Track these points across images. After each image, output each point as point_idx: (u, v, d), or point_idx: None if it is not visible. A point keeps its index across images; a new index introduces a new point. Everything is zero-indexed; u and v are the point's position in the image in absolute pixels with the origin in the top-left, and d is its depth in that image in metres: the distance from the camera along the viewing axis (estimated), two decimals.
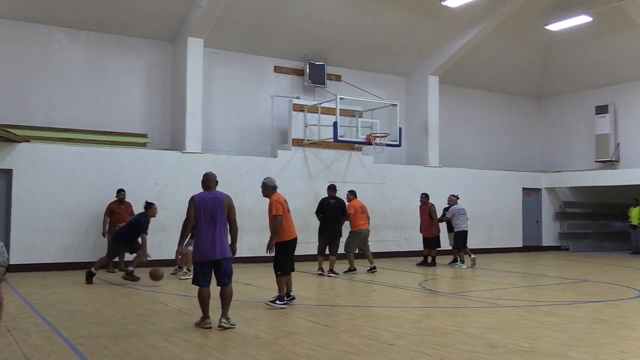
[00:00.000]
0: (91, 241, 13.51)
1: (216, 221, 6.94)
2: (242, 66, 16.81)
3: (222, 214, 6.97)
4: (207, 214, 6.95)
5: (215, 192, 7.13)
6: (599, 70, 20.01)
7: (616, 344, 6.35)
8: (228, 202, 7.07)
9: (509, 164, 21.40)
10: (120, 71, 15.29)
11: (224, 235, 6.97)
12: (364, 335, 6.76)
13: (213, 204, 6.97)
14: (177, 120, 15.41)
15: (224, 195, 7.09)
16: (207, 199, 7.02)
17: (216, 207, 6.96)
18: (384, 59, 18.57)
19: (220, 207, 6.97)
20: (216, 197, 7.04)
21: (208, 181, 7.16)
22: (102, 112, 14.93)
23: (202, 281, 6.98)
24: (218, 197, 7.04)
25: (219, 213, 6.96)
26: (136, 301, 9.31)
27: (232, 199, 7.16)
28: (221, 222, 6.97)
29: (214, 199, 7.01)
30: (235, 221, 7.11)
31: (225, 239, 6.99)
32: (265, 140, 16.87)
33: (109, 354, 5.80)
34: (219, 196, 7.05)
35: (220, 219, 6.96)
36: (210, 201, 6.99)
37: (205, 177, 7.19)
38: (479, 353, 5.92)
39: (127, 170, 14.01)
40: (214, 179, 7.21)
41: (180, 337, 6.54)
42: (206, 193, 7.10)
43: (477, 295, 10.11)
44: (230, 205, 7.07)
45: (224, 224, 7.01)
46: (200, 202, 7.01)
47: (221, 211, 6.97)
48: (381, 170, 17.62)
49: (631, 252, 19.82)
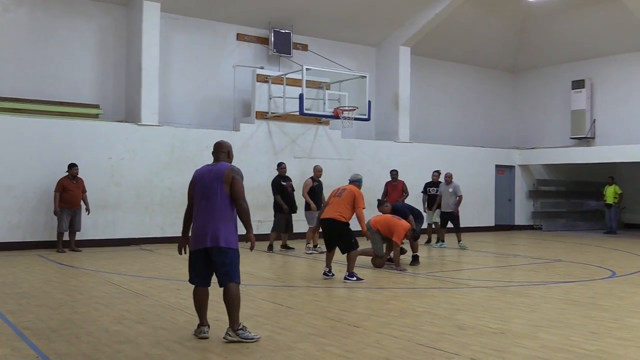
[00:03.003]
0: (40, 219, 13.27)
1: (209, 199, 5.81)
2: (202, 33, 16.56)
3: (219, 189, 5.78)
4: (201, 191, 5.88)
5: (219, 163, 5.99)
6: (576, 43, 20.28)
7: (587, 325, 6.54)
8: (230, 174, 5.81)
9: (482, 140, 21.66)
10: (69, 36, 14.91)
11: (220, 217, 5.77)
12: (328, 317, 6.82)
13: (210, 178, 5.86)
14: (132, 90, 15.13)
15: (226, 167, 5.89)
16: (205, 172, 5.95)
17: (212, 182, 5.83)
18: (353, 28, 18.49)
19: (218, 181, 5.80)
20: (216, 169, 5.90)
21: (215, 151, 6.11)
22: (50, 81, 14.56)
23: (193, 278, 5.94)
24: (218, 169, 5.88)
25: (214, 189, 5.80)
26: (87, 283, 9.22)
27: (238, 172, 5.90)
28: (216, 201, 5.78)
29: (212, 172, 5.89)
30: (240, 198, 5.79)
31: (222, 223, 5.76)
32: (226, 112, 16.72)
33: (57, 338, 5.74)
34: (220, 168, 5.89)
35: (215, 196, 5.79)
36: (207, 175, 5.90)
37: (214, 146, 6.18)
38: (448, 335, 6.03)
39: (77, 143, 13.73)
40: (223, 149, 6.13)
41: (134, 321, 6.50)
42: (208, 166, 6.04)
43: (446, 276, 10.28)
44: (233, 178, 5.79)
45: (223, 203, 5.79)
46: (197, 177, 5.98)
47: (219, 186, 5.79)
48: (349, 145, 17.65)
49: (605, 232, 20.34)
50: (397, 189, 14.91)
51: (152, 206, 14.56)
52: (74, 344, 5.54)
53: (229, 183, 5.78)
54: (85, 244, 13.35)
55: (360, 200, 9.51)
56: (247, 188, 17.75)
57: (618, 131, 19.75)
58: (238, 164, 17.08)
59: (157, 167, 14.64)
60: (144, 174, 14.48)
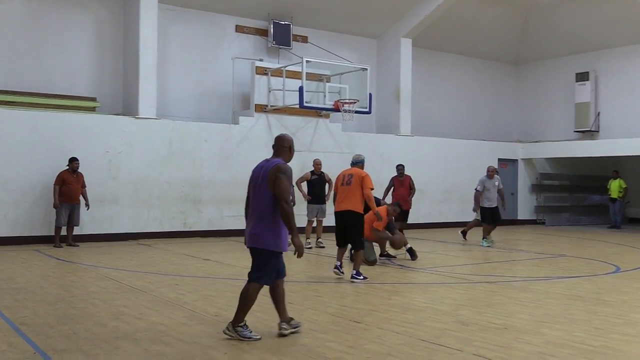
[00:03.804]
0: (37, 214, 13.25)
1: (255, 196, 5.70)
2: (201, 25, 16.52)
3: (264, 187, 5.62)
4: (252, 187, 5.77)
5: (272, 160, 5.80)
6: (581, 35, 20.23)
7: (591, 321, 6.55)
8: (274, 172, 5.60)
9: (484, 133, 21.64)
10: (66, 28, 14.87)
11: (261, 216, 5.63)
12: (329, 312, 6.83)
13: (260, 175, 5.72)
14: (130, 83, 15.11)
15: (274, 164, 5.68)
16: (258, 167, 5.81)
17: (260, 179, 5.68)
18: (354, 20, 18.45)
19: (263, 179, 5.64)
20: (267, 166, 5.72)
21: (276, 145, 5.93)
22: (47, 73, 14.54)
23: None
24: (268, 166, 5.70)
25: (259, 187, 5.66)
26: (85, 278, 9.23)
27: (285, 170, 5.65)
28: (259, 199, 5.64)
29: (263, 168, 5.73)
30: (282, 199, 5.53)
31: (262, 222, 5.62)
32: (225, 105, 16.70)
33: (54, 334, 5.74)
34: (270, 165, 5.70)
35: (260, 194, 5.64)
36: (259, 171, 5.76)
37: (275, 140, 5.99)
38: (450, 330, 6.04)
39: (74, 137, 13.72)
40: (284, 143, 5.89)
41: (132, 316, 6.51)
42: (263, 161, 5.86)
43: (449, 271, 10.29)
44: (276, 176, 5.57)
45: (265, 202, 5.62)
46: (252, 173, 5.87)
47: (264, 184, 5.62)
48: (350, 138, 17.63)
49: (609, 227, 20.35)
50: (404, 185, 14.53)
51: (150, 200, 14.56)
52: (71, 340, 5.55)
53: (272, 181, 5.59)
54: (82, 239, 13.35)
55: (368, 181, 9.23)
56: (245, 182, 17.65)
57: (623, 124, 19.72)
58: (236, 157, 17.17)
59: (155, 161, 14.63)
60: (142, 168, 14.47)
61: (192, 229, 15.12)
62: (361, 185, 9.18)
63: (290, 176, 5.69)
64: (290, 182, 5.69)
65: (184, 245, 13.32)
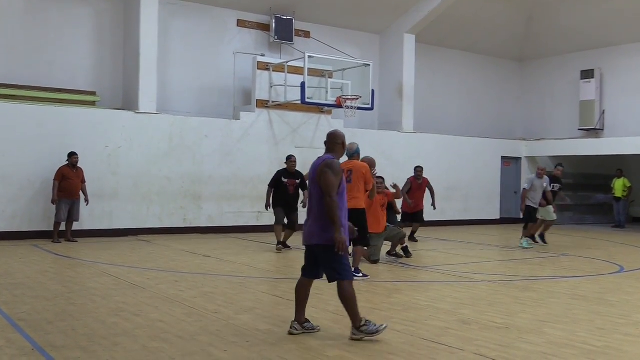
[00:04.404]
0: (36, 209, 13.26)
1: (311, 194, 5.77)
2: (202, 19, 16.51)
3: (316, 184, 5.67)
4: (309, 185, 5.87)
5: (323, 156, 5.85)
6: (586, 32, 20.19)
7: (594, 321, 6.55)
8: (322, 167, 5.62)
9: (488, 131, 21.61)
10: (65, 21, 14.86)
11: (318, 213, 5.65)
12: (330, 310, 6.83)
13: (313, 172, 5.75)
14: (130, 78, 15.11)
15: (323, 159, 5.73)
16: (313, 166, 5.82)
17: (313, 176, 5.73)
18: (357, 15, 18.43)
19: (315, 176, 5.69)
20: (317, 163, 5.76)
21: (328, 141, 5.95)
22: (46, 67, 14.54)
23: (303, 268, 6.01)
24: (319, 163, 5.74)
25: (313, 184, 5.72)
26: (84, 274, 9.24)
27: (332, 165, 5.63)
28: (316, 196, 5.68)
29: (315, 166, 5.77)
30: (326, 194, 5.52)
31: (320, 219, 5.62)
32: (226, 101, 16.69)
33: (53, 330, 5.75)
34: (320, 161, 5.76)
35: (314, 191, 5.70)
36: (313, 169, 5.78)
37: (327, 136, 6.00)
38: (452, 329, 6.05)
39: (73, 131, 13.72)
40: (337, 139, 5.91)
41: (132, 313, 6.52)
42: (318, 158, 5.89)
43: (451, 269, 10.29)
44: (322, 171, 5.58)
45: (318, 199, 5.64)
46: (310, 171, 5.91)
47: (316, 181, 5.68)
48: (352, 135, 17.47)
49: (613, 226, 20.34)
50: (421, 188, 14.00)
51: (150, 196, 14.57)
52: (70, 336, 5.56)
53: (319, 177, 5.61)
54: (81, 235, 13.36)
55: (370, 178, 9.01)
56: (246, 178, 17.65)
57: (628, 122, 19.69)
58: (237, 153, 17.17)
59: (155, 156, 14.64)
60: (142, 163, 14.47)
61: (192, 225, 15.13)
62: (364, 181, 8.96)
63: (337, 171, 5.63)
64: (337, 176, 5.61)
65: (184, 242, 13.33)
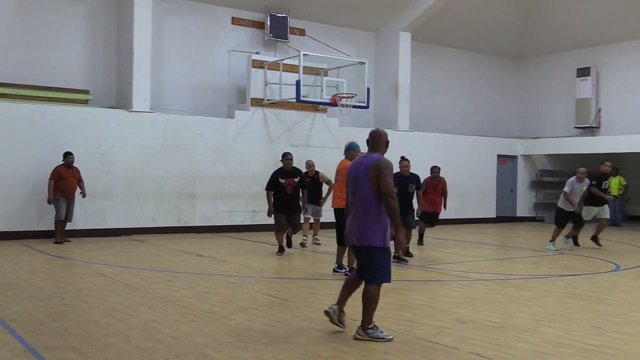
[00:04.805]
0: (28, 209, 13.21)
1: (358, 194, 5.70)
2: (196, 17, 16.47)
3: (366, 184, 5.62)
4: (352, 184, 5.80)
5: (371, 155, 5.79)
6: (582, 30, 20.22)
7: (590, 319, 6.56)
8: (376, 167, 5.57)
9: (484, 129, 21.64)
10: (58, 19, 14.81)
11: (365, 213, 5.63)
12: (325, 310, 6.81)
13: (360, 171, 5.71)
14: (123, 76, 15.07)
15: (374, 159, 5.67)
16: (357, 164, 5.81)
17: (361, 175, 5.68)
18: (352, 13, 18.41)
19: (365, 175, 5.63)
20: (366, 162, 5.70)
21: (372, 140, 5.90)
22: (39, 65, 14.49)
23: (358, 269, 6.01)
24: (368, 162, 5.68)
25: (361, 184, 5.67)
26: (77, 274, 9.21)
27: (387, 165, 5.61)
28: (363, 196, 5.65)
29: (362, 165, 5.73)
30: (388, 195, 5.51)
31: (366, 219, 5.62)
32: (221, 99, 16.67)
33: (45, 331, 5.73)
34: (370, 160, 5.68)
35: (362, 191, 5.66)
36: (358, 167, 5.76)
37: (370, 135, 5.95)
38: (448, 328, 6.05)
39: (66, 130, 13.68)
40: (381, 138, 5.90)
41: (125, 313, 6.50)
42: (361, 157, 5.92)
43: (447, 268, 10.29)
44: (380, 172, 5.55)
45: (369, 199, 5.61)
46: (351, 169, 5.89)
47: (365, 181, 5.63)
48: (347, 133, 17.55)
49: (609, 224, 20.33)
50: (437, 190, 13.40)
51: (144, 195, 14.54)
52: (62, 337, 5.54)
53: (376, 178, 5.57)
54: (74, 234, 13.32)
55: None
56: (241, 177, 17.63)
57: (624, 121, 19.73)
58: (231, 152, 17.14)
59: (148, 155, 14.60)
60: (135, 162, 14.44)
61: (187, 224, 15.11)
62: None
63: (392, 170, 5.67)
64: (391, 176, 5.63)
65: (178, 241, 13.30)
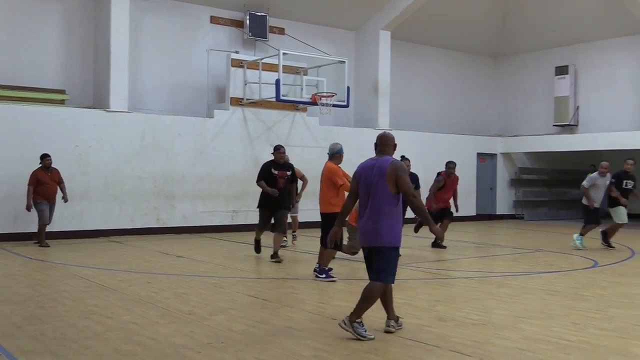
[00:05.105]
0: (4, 211, 13.05)
1: (373, 197, 5.74)
2: (174, 15, 16.39)
3: (382, 186, 5.70)
4: (365, 188, 5.83)
5: (382, 158, 5.87)
6: (560, 28, 20.43)
7: (569, 316, 6.63)
8: (393, 170, 5.68)
9: (463, 127, 21.78)
10: (33, 18, 14.64)
11: (377, 214, 5.70)
12: (306, 309, 6.83)
13: (373, 174, 5.76)
14: (100, 75, 14.94)
15: (389, 161, 5.77)
16: (368, 167, 5.87)
17: (376, 178, 5.73)
18: (332, 11, 18.44)
19: (380, 178, 5.70)
20: (379, 165, 5.78)
21: (380, 143, 5.99)
22: (12, 65, 14.31)
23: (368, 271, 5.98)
24: (382, 165, 5.76)
25: (375, 185, 5.73)
26: (54, 276, 9.13)
27: (402, 167, 5.76)
28: (376, 197, 5.71)
29: (375, 167, 5.79)
30: (410, 195, 5.66)
31: (379, 220, 5.68)
32: (200, 98, 16.60)
33: (21, 335, 5.67)
34: (383, 164, 5.76)
35: (379, 193, 5.71)
36: (370, 170, 5.81)
37: (378, 139, 6.05)
38: (428, 327, 6.08)
39: (42, 131, 13.53)
40: (389, 141, 6.00)
41: (103, 315, 6.45)
42: (371, 160, 5.94)
43: (426, 267, 10.34)
44: (397, 175, 5.66)
45: (386, 201, 5.70)
46: (361, 171, 5.93)
47: (381, 182, 5.70)
48: (327, 132, 17.62)
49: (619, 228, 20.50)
50: (452, 187, 13.17)
51: (122, 196, 14.44)
52: (39, 341, 5.49)
53: (392, 180, 5.68)
54: (51, 236, 13.15)
55: (336, 176, 8.82)
56: (220, 177, 17.63)
57: (602, 118, 19.99)
58: (211, 152, 17.07)
59: (126, 156, 14.50)
60: (113, 163, 14.34)
61: (166, 225, 15.03)
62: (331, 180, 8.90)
63: (407, 171, 6.02)
64: (408, 176, 5.85)
65: (157, 242, 13.23)
